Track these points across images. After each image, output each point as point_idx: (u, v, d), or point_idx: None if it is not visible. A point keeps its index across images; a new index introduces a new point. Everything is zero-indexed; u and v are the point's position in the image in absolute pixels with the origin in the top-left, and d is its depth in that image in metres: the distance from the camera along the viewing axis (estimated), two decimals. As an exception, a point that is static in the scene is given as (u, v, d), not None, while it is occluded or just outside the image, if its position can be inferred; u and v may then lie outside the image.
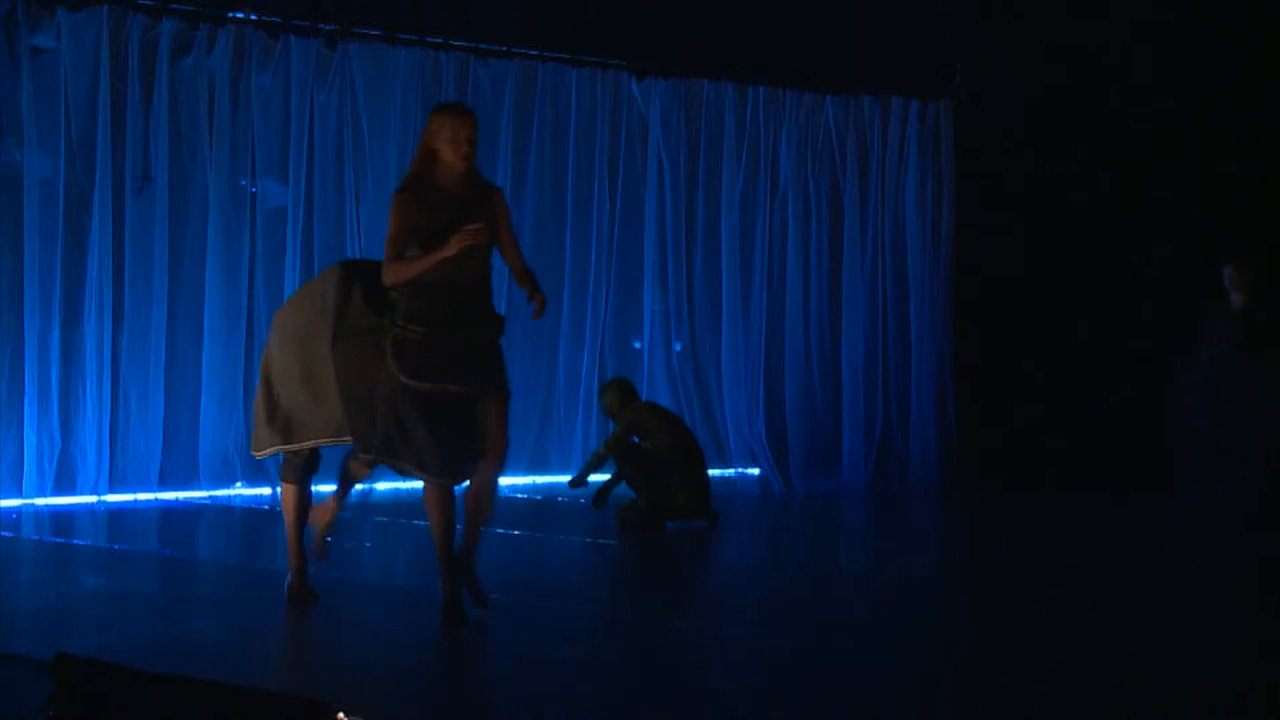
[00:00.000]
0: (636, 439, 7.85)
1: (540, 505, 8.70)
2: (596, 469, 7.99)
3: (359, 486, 5.88)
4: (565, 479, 8.34)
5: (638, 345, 9.92)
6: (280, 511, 5.58)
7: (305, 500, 5.47)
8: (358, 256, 8.77)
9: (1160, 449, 9.10)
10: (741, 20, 9.86)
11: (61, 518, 7.84)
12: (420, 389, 4.92)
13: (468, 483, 5.15)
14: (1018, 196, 10.36)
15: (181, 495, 8.54)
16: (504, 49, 9.45)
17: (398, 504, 8.15)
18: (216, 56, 8.63)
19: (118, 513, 8.11)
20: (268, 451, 5.41)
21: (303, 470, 5.42)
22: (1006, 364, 10.36)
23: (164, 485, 8.53)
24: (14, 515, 7.82)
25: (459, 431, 5.00)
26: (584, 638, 4.98)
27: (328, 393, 5.14)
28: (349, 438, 5.16)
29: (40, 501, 8.10)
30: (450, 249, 4.87)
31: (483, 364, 5.06)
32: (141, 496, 8.43)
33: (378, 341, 5.02)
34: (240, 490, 8.69)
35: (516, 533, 7.28)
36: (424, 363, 4.94)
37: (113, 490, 8.36)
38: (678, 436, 7.90)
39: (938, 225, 10.60)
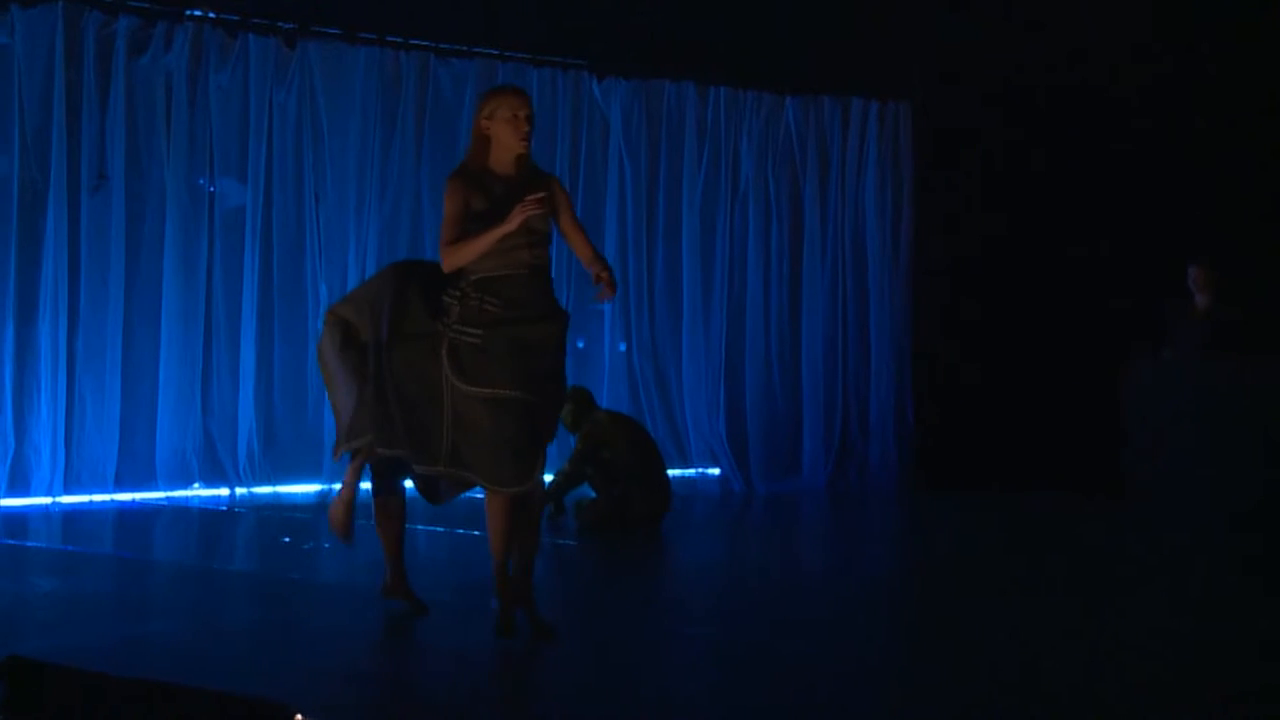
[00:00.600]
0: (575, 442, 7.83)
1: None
2: (564, 489, 7.94)
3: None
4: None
5: (580, 345, 9.90)
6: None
7: (395, 509, 5.24)
8: (401, 258, 8.78)
9: (1120, 451, 9.17)
10: (702, 21, 9.87)
11: (15, 519, 7.74)
12: (480, 394, 4.76)
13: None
14: (977, 198, 10.42)
15: (138, 496, 8.47)
16: (464, 48, 9.42)
17: (356, 506, 8.10)
18: (174, 54, 8.56)
19: (73, 514, 8.03)
20: (355, 444, 5.11)
21: (388, 478, 5.20)
22: (967, 365, 10.42)
23: (120, 486, 8.44)
24: (-33, 517, 7.74)
25: (524, 436, 4.80)
26: (543, 639, 4.96)
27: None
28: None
29: (-7, 503, 8.02)
30: (512, 222, 4.70)
31: (542, 366, 4.87)
32: (97, 497, 8.35)
33: (434, 346, 4.83)
34: (198, 491, 8.63)
35: (476, 533, 7.26)
36: (480, 367, 4.77)
37: (68, 491, 8.27)
38: (637, 444, 7.88)
39: (897, 226, 10.66)
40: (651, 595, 6.31)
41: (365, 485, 5.23)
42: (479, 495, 5.06)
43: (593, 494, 7.92)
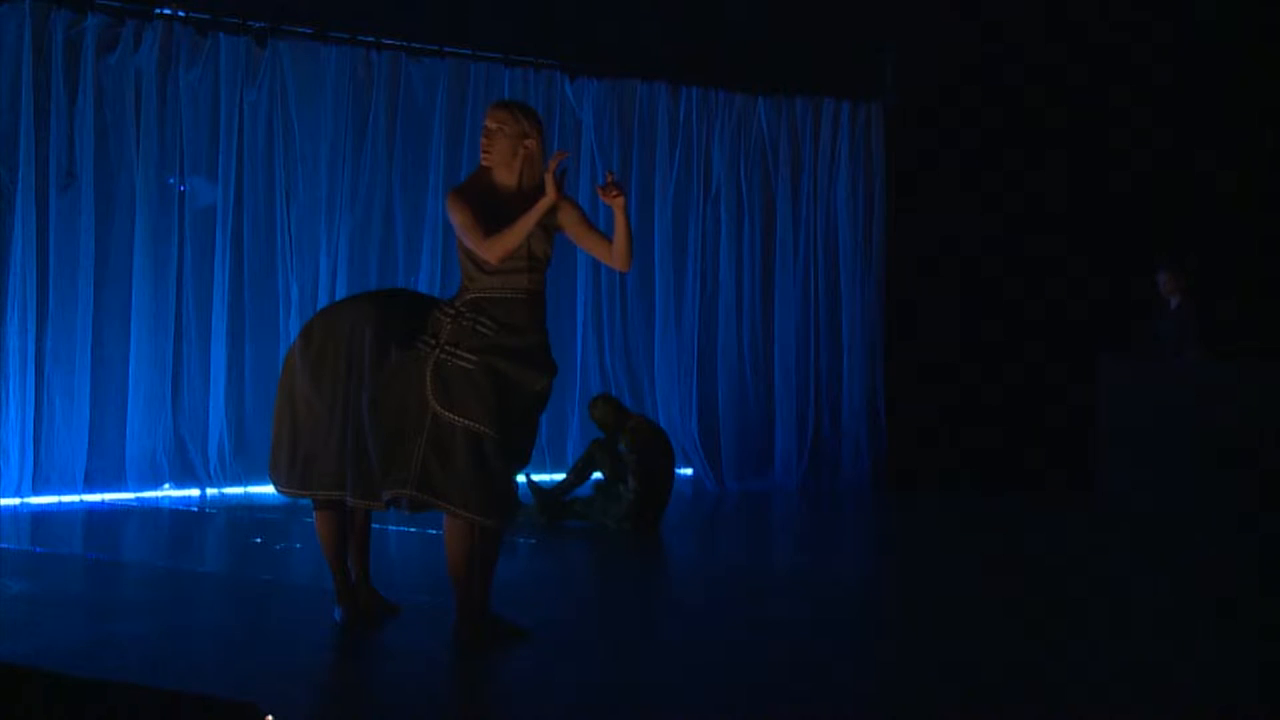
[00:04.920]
0: (624, 448, 7.79)
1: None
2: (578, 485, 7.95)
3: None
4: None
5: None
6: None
7: (343, 525, 5.11)
8: (334, 285, 8.82)
9: (1090, 450, 9.23)
10: (674, 22, 9.88)
11: (-16, 521, 7.70)
12: (461, 424, 4.65)
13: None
14: (949, 198, 10.46)
15: (108, 497, 8.43)
16: (436, 48, 9.41)
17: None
18: (143, 53, 8.52)
19: (42, 515, 7.98)
20: (289, 493, 5.08)
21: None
22: (937, 364, 10.46)
23: (89, 487, 8.40)
24: (-65, 518, 7.68)
25: (500, 471, 4.72)
26: (512, 639, 4.96)
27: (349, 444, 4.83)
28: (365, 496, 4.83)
29: (-38, 504, 7.96)
30: (550, 193, 4.76)
31: (523, 412, 4.79)
32: (66, 498, 8.30)
33: (418, 366, 4.73)
34: (168, 492, 8.59)
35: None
36: (464, 395, 4.67)
37: (36, 492, 8.22)
38: (665, 458, 7.84)
39: (869, 227, 10.69)
40: (624, 596, 6.31)
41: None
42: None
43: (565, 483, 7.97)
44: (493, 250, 4.73)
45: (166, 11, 8.58)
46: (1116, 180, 10.28)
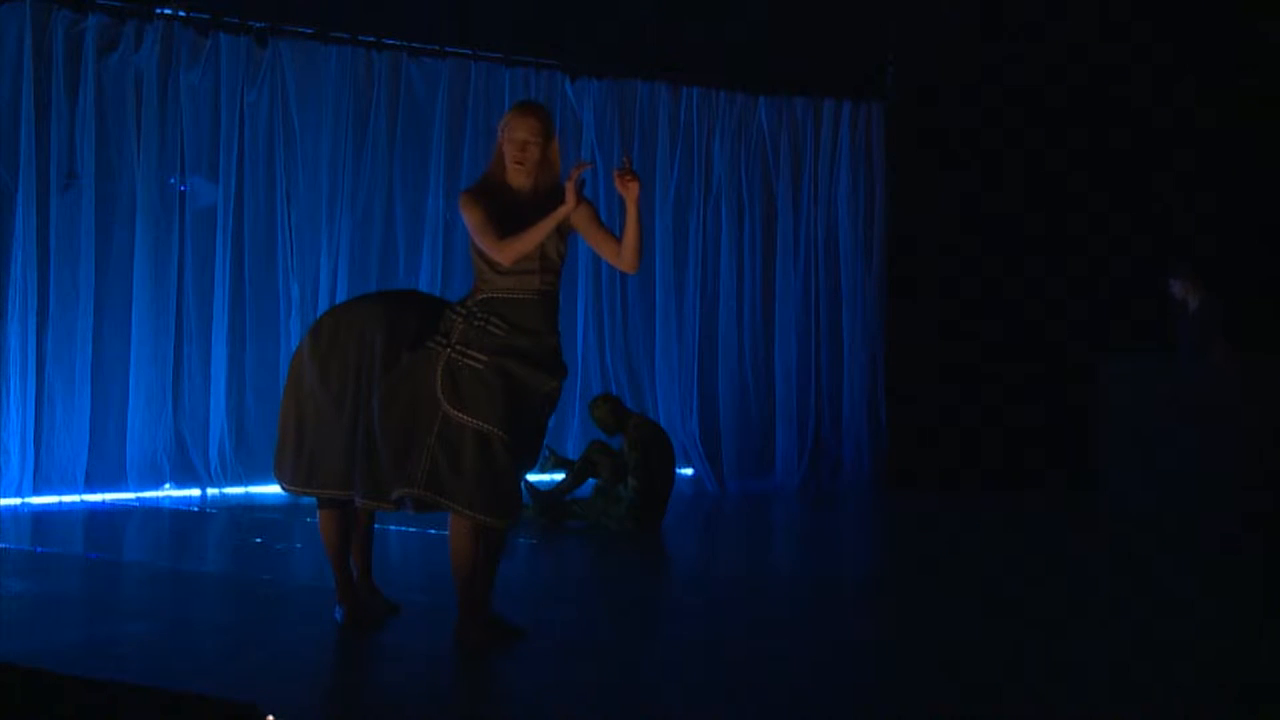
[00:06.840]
0: (625, 447, 7.81)
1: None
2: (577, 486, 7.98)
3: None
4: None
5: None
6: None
7: (346, 524, 5.10)
8: (337, 283, 8.83)
9: (1090, 450, 9.23)
10: (675, 21, 9.89)
11: (-16, 520, 7.71)
12: (470, 424, 4.65)
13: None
14: (949, 198, 10.47)
15: (108, 497, 8.43)
16: (437, 48, 9.41)
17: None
18: (144, 53, 8.53)
19: (42, 515, 7.99)
20: (294, 491, 5.07)
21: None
22: (937, 364, 10.46)
23: (90, 487, 8.41)
24: (-64, 518, 7.69)
25: (508, 472, 4.70)
26: (512, 639, 4.96)
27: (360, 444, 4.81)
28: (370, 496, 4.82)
29: (-37, 504, 7.97)
30: (570, 201, 4.72)
31: (532, 415, 4.78)
32: (67, 498, 8.31)
33: (429, 365, 4.72)
34: (169, 492, 8.60)
35: (447, 533, 7.23)
36: (474, 396, 4.67)
37: (37, 492, 8.23)
38: (665, 459, 7.86)
39: (869, 226, 10.70)
40: (624, 596, 6.31)
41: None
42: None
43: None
44: (506, 253, 4.74)
45: (167, 11, 8.59)
46: (1117, 179, 10.28)
